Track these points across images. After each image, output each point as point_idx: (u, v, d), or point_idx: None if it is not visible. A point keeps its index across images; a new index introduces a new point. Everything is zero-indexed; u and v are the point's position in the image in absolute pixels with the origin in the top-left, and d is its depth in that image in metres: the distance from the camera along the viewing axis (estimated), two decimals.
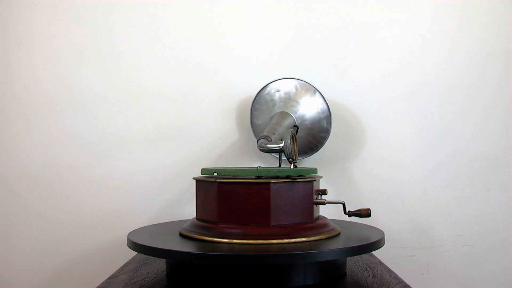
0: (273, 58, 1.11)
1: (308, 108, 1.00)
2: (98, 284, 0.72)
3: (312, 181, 0.75)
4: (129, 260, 0.89)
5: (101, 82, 1.10)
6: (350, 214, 0.79)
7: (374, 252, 0.89)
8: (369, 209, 0.78)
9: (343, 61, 1.10)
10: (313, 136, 1.01)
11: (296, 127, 0.98)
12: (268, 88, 1.03)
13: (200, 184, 0.79)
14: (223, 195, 0.74)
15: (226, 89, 1.10)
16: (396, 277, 0.75)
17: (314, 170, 0.79)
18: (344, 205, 0.78)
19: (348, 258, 0.83)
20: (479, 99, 1.11)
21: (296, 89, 1.01)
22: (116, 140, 1.09)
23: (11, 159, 1.08)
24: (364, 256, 0.89)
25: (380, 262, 0.86)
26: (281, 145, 0.78)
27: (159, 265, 0.82)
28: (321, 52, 1.11)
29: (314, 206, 0.76)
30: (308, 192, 0.74)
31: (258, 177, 0.73)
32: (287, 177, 0.73)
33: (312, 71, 1.10)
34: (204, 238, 0.72)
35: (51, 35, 1.10)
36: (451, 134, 1.10)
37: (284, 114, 0.98)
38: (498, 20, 1.11)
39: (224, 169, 0.77)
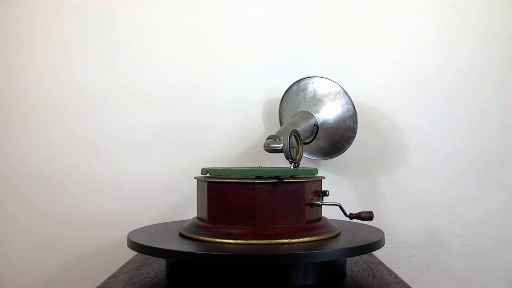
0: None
1: (332, 107, 0.98)
2: (98, 284, 0.72)
3: (304, 182, 0.73)
4: (129, 260, 0.89)
5: (103, 81, 1.09)
6: (352, 216, 0.76)
7: (374, 252, 0.89)
8: (371, 212, 0.75)
9: (344, 62, 1.11)
10: (339, 136, 0.99)
11: (316, 126, 0.96)
12: (295, 87, 1.02)
13: (198, 183, 0.80)
14: (212, 195, 0.74)
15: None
16: (396, 277, 0.75)
17: (310, 171, 0.77)
18: (340, 207, 0.76)
19: (348, 258, 0.83)
20: (479, 99, 1.11)
21: (321, 87, 0.99)
22: (119, 140, 1.09)
23: (12, 159, 1.08)
24: (364, 256, 0.89)
25: (380, 262, 0.86)
26: (281, 145, 0.77)
27: (159, 265, 0.82)
28: (326, 50, 1.11)
29: (309, 207, 0.74)
30: (298, 193, 0.72)
31: (258, 177, 0.73)
32: (276, 177, 0.72)
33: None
34: (192, 236, 0.73)
35: (52, 35, 1.09)
36: (450, 133, 1.10)
37: (304, 113, 0.97)
38: (497, 20, 1.11)
39: (214, 169, 0.78)
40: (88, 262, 1.07)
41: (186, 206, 1.07)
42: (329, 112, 0.98)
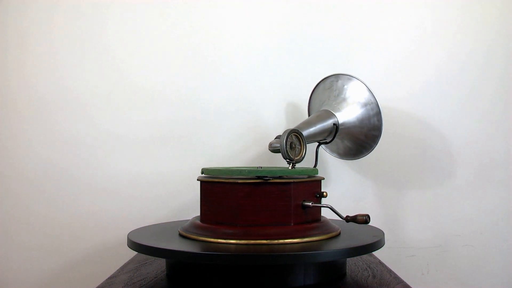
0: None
1: (355, 106, 0.95)
2: (98, 284, 0.72)
3: (290, 182, 0.71)
4: (129, 260, 0.89)
5: (102, 83, 1.09)
6: (348, 219, 0.74)
7: (374, 252, 0.89)
8: (367, 216, 0.72)
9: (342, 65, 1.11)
10: (364, 135, 0.95)
11: (335, 125, 0.93)
12: (321, 86, 1.00)
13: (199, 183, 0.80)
14: (204, 194, 0.76)
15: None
16: (396, 277, 0.75)
17: (301, 171, 0.76)
18: (332, 209, 0.74)
19: (348, 258, 0.83)
20: (479, 99, 1.11)
21: (344, 85, 0.96)
22: (120, 140, 1.09)
23: (11, 160, 1.08)
24: (364, 256, 0.88)
25: (380, 262, 0.86)
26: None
27: (159, 265, 0.82)
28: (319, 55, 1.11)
29: (299, 208, 0.73)
30: (284, 193, 0.71)
31: (243, 177, 0.72)
32: (262, 177, 0.71)
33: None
34: (187, 235, 0.73)
35: (50, 35, 1.09)
36: (450, 133, 1.10)
37: (322, 112, 0.95)
38: (499, 19, 1.11)
39: (207, 169, 0.78)
40: (88, 262, 1.07)
41: (193, 207, 1.07)
42: (352, 111, 0.95)
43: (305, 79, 1.09)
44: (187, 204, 1.08)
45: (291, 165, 0.77)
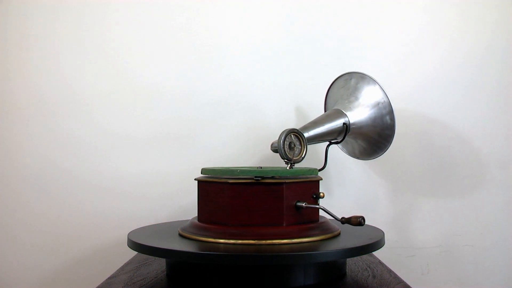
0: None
1: (368, 105, 0.93)
2: (98, 284, 0.72)
3: (282, 183, 0.71)
4: (129, 260, 0.89)
5: (102, 82, 1.09)
6: (343, 221, 0.72)
7: (374, 252, 0.89)
8: (361, 217, 0.70)
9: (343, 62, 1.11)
10: (378, 134, 0.93)
11: (345, 125, 0.91)
12: (336, 84, 0.99)
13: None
14: (200, 194, 0.77)
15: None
16: (396, 277, 0.75)
17: (296, 172, 0.75)
18: (325, 210, 0.73)
19: (348, 258, 0.83)
20: (479, 99, 1.11)
21: (357, 84, 0.95)
22: (120, 140, 1.09)
23: (12, 160, 1.08)
24: (364, 256, 0.88)
25: (380, 262, 0.86)
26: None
27: (159, 265, 0.82)
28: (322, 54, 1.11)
29: (293, 209, 0.72)
30: (277, 194, 0.71)
31: (235, 177, 0.72)
32: (254, 178, 0.71)
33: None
34: (186, 235, 0.74)
35: (50, 35, 1.09)
36: (450, 133, 1.10)
37: (332, 112, 0.93)
38: (498, 15, 1.11)
39: (205, 169, 0.78)
40: (88, 262, 1.07)
41: (193, 207, 1.07)
42: (364, 110, 0.93)
43: (306, 77, 1.09)
44: (187, 204, 1.08)
45: (289, 165, 0.76)
